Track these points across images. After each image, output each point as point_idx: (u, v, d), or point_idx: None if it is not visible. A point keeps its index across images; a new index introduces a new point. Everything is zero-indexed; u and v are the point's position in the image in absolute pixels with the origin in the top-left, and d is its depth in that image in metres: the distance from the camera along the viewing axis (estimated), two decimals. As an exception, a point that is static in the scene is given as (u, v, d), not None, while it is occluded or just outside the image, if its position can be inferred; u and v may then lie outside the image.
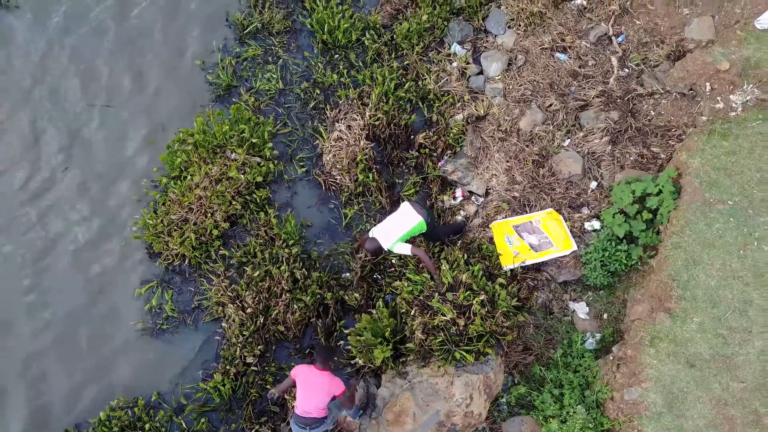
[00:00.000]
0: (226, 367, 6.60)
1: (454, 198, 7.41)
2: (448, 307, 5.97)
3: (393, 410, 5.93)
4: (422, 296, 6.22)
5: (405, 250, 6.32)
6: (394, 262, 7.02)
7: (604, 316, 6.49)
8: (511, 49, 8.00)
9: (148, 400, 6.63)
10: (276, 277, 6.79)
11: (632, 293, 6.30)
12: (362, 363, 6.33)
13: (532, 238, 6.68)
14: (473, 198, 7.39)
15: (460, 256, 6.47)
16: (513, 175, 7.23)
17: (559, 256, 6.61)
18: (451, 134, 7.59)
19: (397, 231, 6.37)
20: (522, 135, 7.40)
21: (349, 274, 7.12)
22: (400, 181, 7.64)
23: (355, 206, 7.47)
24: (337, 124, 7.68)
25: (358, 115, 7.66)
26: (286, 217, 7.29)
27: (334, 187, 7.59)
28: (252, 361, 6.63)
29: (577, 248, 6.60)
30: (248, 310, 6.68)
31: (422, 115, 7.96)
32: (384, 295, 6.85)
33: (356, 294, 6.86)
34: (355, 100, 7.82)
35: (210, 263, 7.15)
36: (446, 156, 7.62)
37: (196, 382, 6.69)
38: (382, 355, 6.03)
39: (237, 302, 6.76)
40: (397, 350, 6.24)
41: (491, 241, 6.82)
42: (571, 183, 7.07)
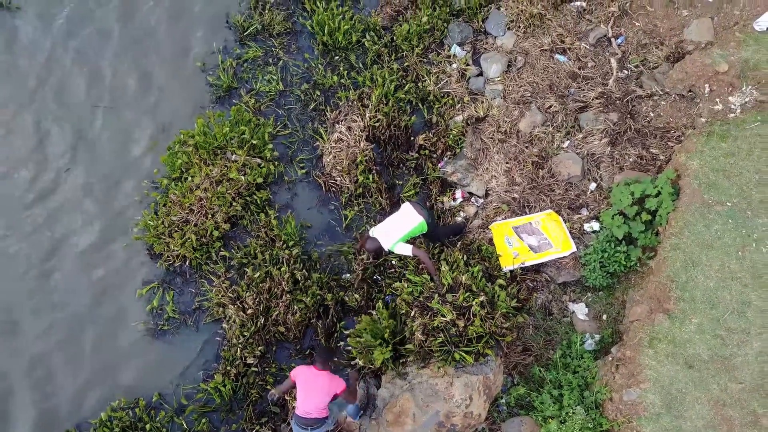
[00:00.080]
0: (227, 367, 6.62)
1: (454, 199, 7.43)
2: (448, 308, 5.99)
3: (393, 411, 5.96)
4: (422, 297, 6.24)
5: (406, 251, 6.34)
6: (394, 263, 7.04)
7: (603, 317, 6.51)
8: (511, 51, 8.03)
9: (149, 400, 6.65)
10: (276, 278, 6.82)
11: (631, 294, 6.32)
12: (362, 364, 6.35)
13: (532, 240, 6.70)
14: (473, 199, 7.41)
15: (460, 257, 6.49)
16: (512, 177, 7.25)
17: (559, 258, 6.63)
18: (451, 136, 7.61)
19: (398, 231, 6.39)
20: (521, 136, 7.42)
21: (349, 275, 7.15)
22: (400, 183, 7.66)
23: (355, 207, 7.49)
24: (337, 126, 7.70)
25: (358, 117, 7.68)
26: (287, 218, 7.32)
27: (334, 189, 7.61)
28: (252, 361, 6.65)
29: (576, 249, 6.62)
30: (249, 311, 6.70)
31: (422, 117, 7.98)
32: (384, 296, 6.87)
33: (356, 295, 6.88)
34: (356, 102, 7.84)
35: (211, 264, 7.18)
36: (446, 157, 7.64)
37: (196, 383, 6.71)
38: (381, 357, 6.05)
39: (237, 303, 6.78)
40: (397, 351, 6.26)
41: (491, 243, 6.84)
42: (571, 184, 7.09)
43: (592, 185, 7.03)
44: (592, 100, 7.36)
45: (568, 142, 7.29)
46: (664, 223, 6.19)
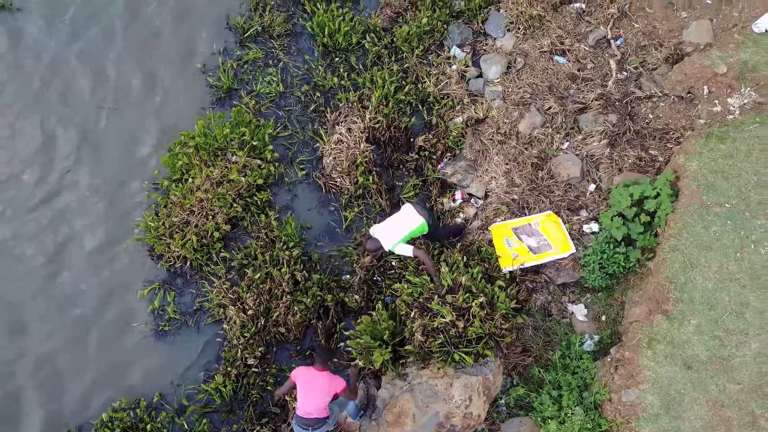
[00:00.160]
0: (228, 368, 6.64)
1: (454, 200, 7.45)
2: (448, 309, 6.01)
3: (393, 411, 5.98)
4: (422, 298, 6.26)
5: (407, 252, 6.36)
6: (393, 264, 7.06)
7: (603, 318, 6.53)
8: (511, 52, 8.05)
9: (150, 401, 6.67)
10: (277, 279, 6.84)
11: (630, 295, 6.34)
12: (362, 365, 6.37)
13: (531, 241, 6.72)
14: (472, 200, 7.43)
15: (460, 258, 6.51)
16: (512, 178, 7.27)
17: (558, 259, 6.65)
18: (451, 137, 7.63)
19: (399, 232, 6.41)
20: (521, 138, 7.44)
21: (349, 277, 7.17)
22: (400, 184, 7.69)
23: (355, 209, 7.52)
24: (337, 127, 7.72)
25: (358, 118, 7.70)
26: (287, 219, 7.34)
27: (334, 190, 7.64)
28: (253, 362, 6.68)
29: (575, 250, 6.64)
30: (249, 312, 6.73)
31: (422, 118, 8.00)
32: (384, 297, 6.89)
33: (356, 296, 6.91)
34: (356, 103, 7.86)
35: (211, 265, 7.20)
36: (446, 159, 7.66)
37: (197, 384, 6.73)
38: (381, 359, 6.07)
39: (238, 304, 6.81)
40: (397, 352, 6.29)
41: (490, 244, 6.86)
42: (570, 186, 7.11)
43: (592, 186, 7.05)
44: (592, 101, 7.38)
45: (568, 143, 7.31)
46: (663, 225, 6.21)
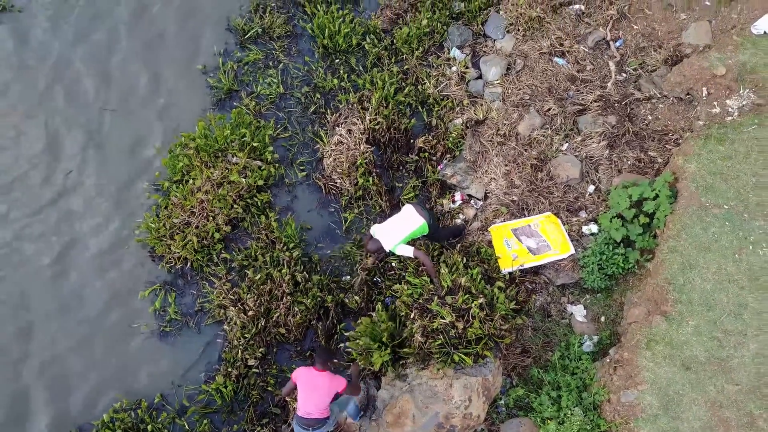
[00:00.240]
0: (228, 369, 6.66)
1: (453, 201, 7.47)
2: (447, 310, 6.03)
3: (393, 412, 6.00)
4: (421, 299, 6.28)
5: (407, 252, 6.37)
6: (393, 265, 7.08)
7: (602, 319, 6.55)
8: (510, 54, 8.07)
9: (151, 401, 6.68)
10: (277, 280, 6.86)
11: (629, 296, 6.36)
12: (362, 366, 6.40)
13: (531, 242, 6.74)
14: (472, 201, 7.45)
15: (459, 259, 6.53)
16: (511, 179, 7.29)
17: (557, 260, 6.67)
18: (451, 138, 7.65)
19: (400, 233, 6.42)
20: (520, 139, 7.46)
21: (349, 278, 7.19)
22: (400, 185, 7.71)
23: (355, 210, 7.54)
24: (337, 128, 7.74)
25: (358, 120, 7.72)
26: (287, 220, 7.36)
27: (334, 191, 7.66)
28: (253, 363, 6.70)
29: (574, 251, 6.66)
30: (250, 313, 6.75)
31: (422, 120, 8.03)
32: (384, 298, 6.91)
33: (356, 297, 6.93)
34: (356, 105, 7.88)
35: (212, 266, 7.22)
36: (445, 160, 7.68)
37: (198, 384, 6.75)
38: (380, 360, 6.09)
39: (238, 305, 6.83)
40: (397, 353, 6.31)
41: (490, 245, 6.88)
42: (569, 187, 7.13)
43: (591, 188, 7.07)
44: (591, 103, 7.40)
45: (567, 144, 7.33)
46: (662, 226, 6.23)
